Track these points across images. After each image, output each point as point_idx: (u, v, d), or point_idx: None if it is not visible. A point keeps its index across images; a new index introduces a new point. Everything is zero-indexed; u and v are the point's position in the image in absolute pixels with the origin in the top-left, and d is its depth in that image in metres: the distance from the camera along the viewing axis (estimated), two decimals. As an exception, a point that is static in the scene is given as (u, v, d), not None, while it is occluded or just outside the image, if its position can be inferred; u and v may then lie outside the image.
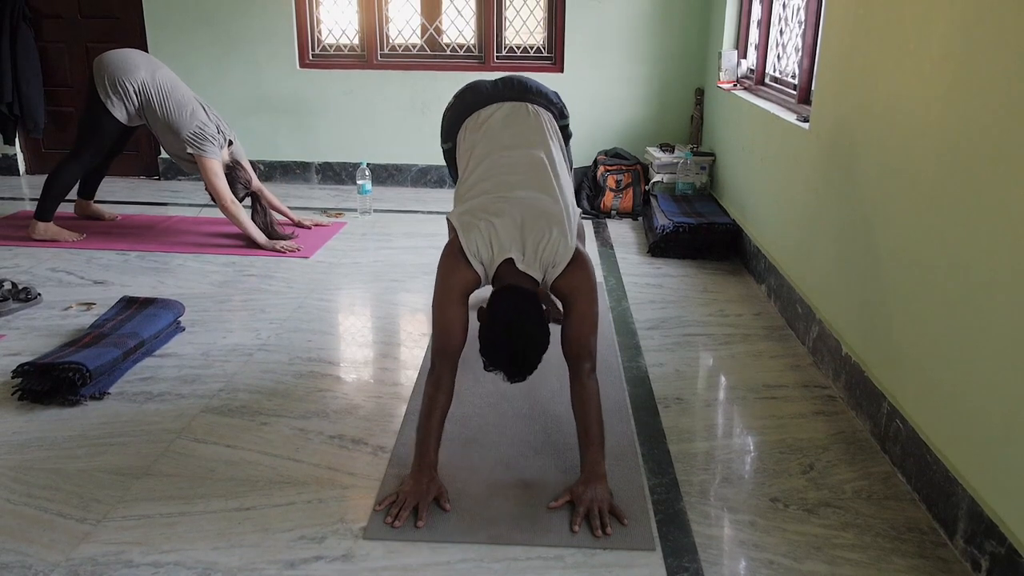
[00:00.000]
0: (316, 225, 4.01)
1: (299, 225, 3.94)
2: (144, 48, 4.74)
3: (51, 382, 2.23)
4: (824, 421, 2.23)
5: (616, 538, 1.72)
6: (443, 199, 4.54)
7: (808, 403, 2.33)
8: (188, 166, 3.67)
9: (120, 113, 3.55)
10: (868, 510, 1.84)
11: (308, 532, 1.73)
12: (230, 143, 3.67)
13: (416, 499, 1.77)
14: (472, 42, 4.78)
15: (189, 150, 3.53)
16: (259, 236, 3.65)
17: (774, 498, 1.88)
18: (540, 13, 4.71)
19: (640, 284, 3.28)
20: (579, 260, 1.95)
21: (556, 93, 2.43)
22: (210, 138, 3.55)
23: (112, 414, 2.20)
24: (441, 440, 1.88)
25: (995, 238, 1.63)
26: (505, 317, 1.82)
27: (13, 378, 2.28)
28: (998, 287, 1.62)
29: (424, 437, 1.86)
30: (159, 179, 5.03)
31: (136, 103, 3.55)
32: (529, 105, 2.29)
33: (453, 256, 1.95)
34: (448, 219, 2.09)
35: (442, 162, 2.59)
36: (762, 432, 2.18)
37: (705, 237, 3.59)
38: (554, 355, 2.57)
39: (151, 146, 4.91)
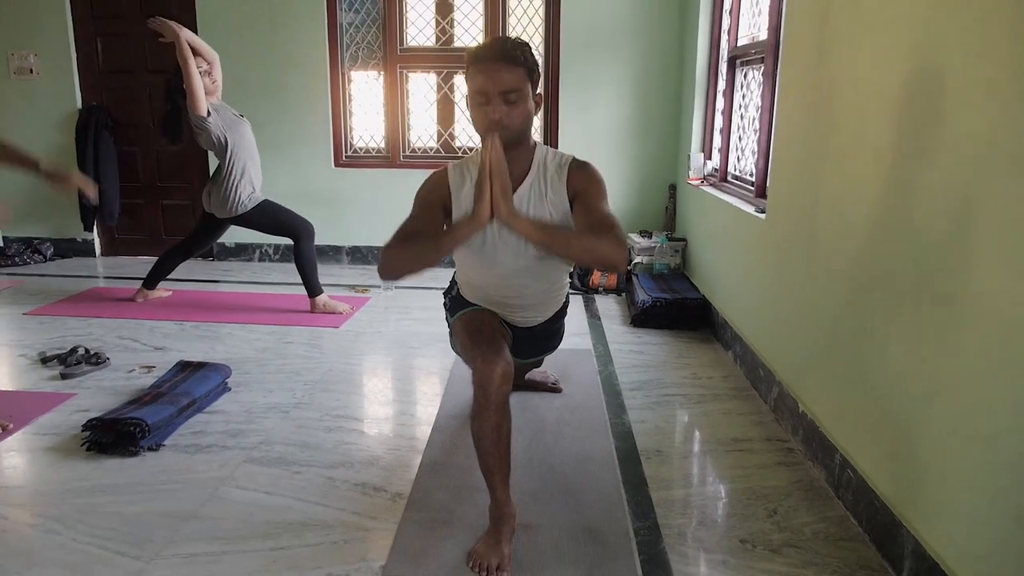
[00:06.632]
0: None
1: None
2: (205, 156, 4.87)
3: (115, 435, 2.24)
4: (785, 470, 2.21)
5: None
6: (455, 277, 4.58)
7: (771, 455, 2.32)
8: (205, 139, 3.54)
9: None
10: (826, 550, 1.81)
11: (334, 570, 1.71)
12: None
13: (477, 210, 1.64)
14: (479, 145, 4.91)
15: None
16: (180, 35, 3.34)
17: (743, 539, 1.86)
18: (537, 121, 4.86)
19: (624, 351, 3.29)
20: (584, 162, 1.91)
21: None
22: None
23: (166, 463, 2.20)
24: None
25: (923, 305, 1.66)
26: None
27: (82, 431, 2.29)
28: (934, 347, 1.64)
29: (438, 241, 1.72)
30: (213, 259, 5.11)
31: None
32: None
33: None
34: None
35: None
36: (732, 480, 2.17)
37: (679, 310, 3.62)
38: (549, 410, 2.58)
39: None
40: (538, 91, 1.81)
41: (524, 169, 1.89)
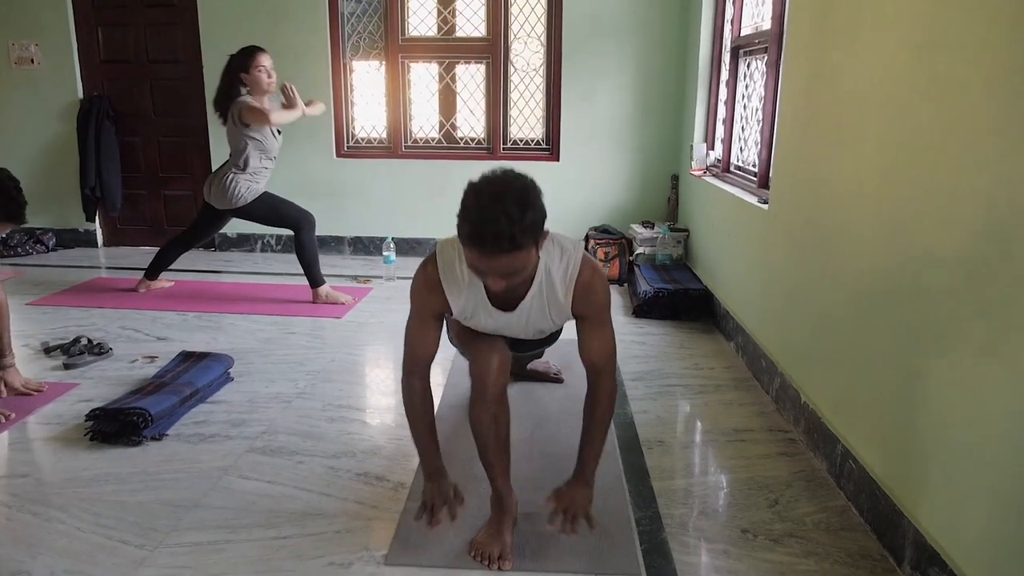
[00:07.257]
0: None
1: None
2: (207, 145, 4.86)
3: (118, 425, 2.24)
4: (787, 461, 2.22)
5: (605, 565, 1.70)
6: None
7: (772, 445, 2.32)
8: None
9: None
10: (827, 540, 1.82)
11: (337, 559, 1.71)
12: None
13: (443, 501, 1.67)
14: (482, 136, 4.90)
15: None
16: (299, 110, 3.63)
17: (744, 529, 1.86)
18: (539, 112, 4.84)
19: (626, 342, 3.29)
20: (593, 267, 1.71)
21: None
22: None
23: (169, 453, 2.20)
24: (438, 443, 1.76)
25: (925, 296, 1.65)
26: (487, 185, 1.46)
27: (86, 421, 2.30)
28: (934, 337, 1.63)
29: (423, 449, 1.74)
30: (215, 250, 5.11)
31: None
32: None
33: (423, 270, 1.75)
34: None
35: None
36: (733, 471, 2.17)
37: (681, 301, 3.62)
38: (552, 400, 2.58)
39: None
40: (544, 230, 1.51)
41: (527, 281, 1.69)
